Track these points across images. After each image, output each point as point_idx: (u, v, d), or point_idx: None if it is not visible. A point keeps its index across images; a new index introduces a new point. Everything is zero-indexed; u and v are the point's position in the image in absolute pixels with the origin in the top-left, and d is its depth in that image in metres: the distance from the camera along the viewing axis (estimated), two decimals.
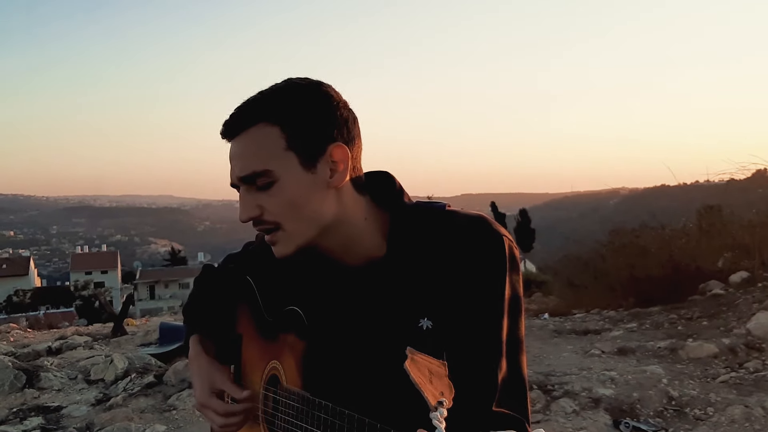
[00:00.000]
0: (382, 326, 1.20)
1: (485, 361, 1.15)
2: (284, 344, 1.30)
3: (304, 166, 1.17)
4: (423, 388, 0.96)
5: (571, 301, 12.35)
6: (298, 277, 1.35)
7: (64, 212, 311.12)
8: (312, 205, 1.18)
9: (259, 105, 1.19)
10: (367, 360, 1.20)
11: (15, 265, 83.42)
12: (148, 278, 77.75)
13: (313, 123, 1.17)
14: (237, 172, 1.19)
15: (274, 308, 1.35)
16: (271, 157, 1.16)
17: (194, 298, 1.61)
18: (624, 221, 13.93)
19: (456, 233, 1.20)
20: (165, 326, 10.63)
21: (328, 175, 1.18)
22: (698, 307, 8.52)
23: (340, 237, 1.23)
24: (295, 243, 1.20)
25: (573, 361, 6.79)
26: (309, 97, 1.19)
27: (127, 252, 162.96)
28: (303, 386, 1.21)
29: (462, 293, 1.16)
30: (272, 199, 1.17)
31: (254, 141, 1.17)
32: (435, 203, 1.28)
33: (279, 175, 1.16)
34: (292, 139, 1.16)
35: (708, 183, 14.64)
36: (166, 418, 5.96)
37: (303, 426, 1.18)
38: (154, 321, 15.76)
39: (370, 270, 1.24)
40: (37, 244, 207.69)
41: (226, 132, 1.21)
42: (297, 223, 1.19)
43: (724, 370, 5.89)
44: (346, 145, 1.19)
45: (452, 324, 1.15)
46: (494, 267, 1.17)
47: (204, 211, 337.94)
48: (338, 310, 1.26)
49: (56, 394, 7.24)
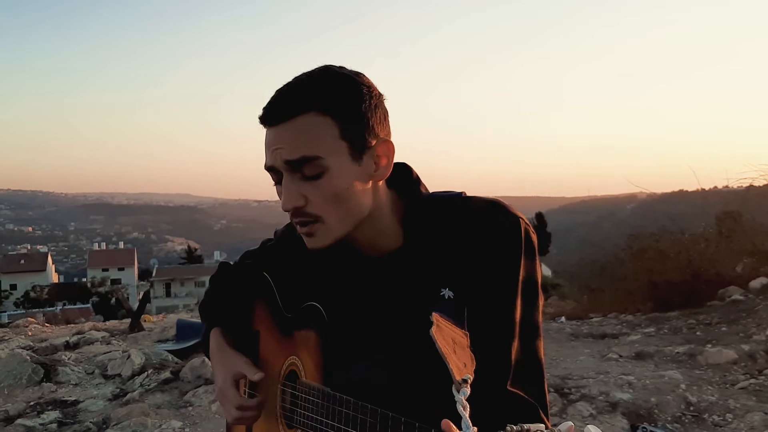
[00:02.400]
0: (404, 308, 1.20)
1: (498, 338, 1.15)
2: (303, 340, 1.30)
3: (353, 158, 1.16)
4: (448, 359, 0.98)
5: (587, 304, 12.29)
6: (315, 272, 1.35)
7: (82, 209, 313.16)
8: (355, 198, 1.17)
9: (308, 92, 1.16)
10: (390, 345, 1.20)
11: (33, 261, 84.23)
12: (164, 276, 78.08)
13: (361, 115, 1.16)
14: (284, 155, 1.15)
15: (292, 304, 1.36)
16: (324, 145, 1.14)
17: (211, 295, 1.61)
18: (641, 225, 13.82)
19: (473, 216, 1.20)
20: (182, 323, 10.66)
21: (372, 169, 1.18)
22: (717, 313, 8.45)
23: (370, 230, 1.23)
24: (333, 236, 1.19)
25: (590, 364, 6.75)
26: (357, 89, 1.17)
27: (143, 249, 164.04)
28: (323, 381, 1.21)
29: (478, 272, 1.16)
30: (318, 190, 1.15)
31: (305, 128, 1.14)
32: (451, 192, 1.28)
33: (329, 164, 1.14)
34: (344, 130, 1.15)
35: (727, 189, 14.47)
36: (182, 414, 5.98)
37: (323, 421, 1.18)
38: (171, 318, 15.81)
39: (390, 260, 1.24)
40: (55, 240, 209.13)
41: (270, 118, 1.17)
42: (339, 215, 1.17)
43: (744, 377, 5.84)
44: (389, 140, 1.20)
45: (470, 299, 1.15)
46: (509, 247, 1.17)
47: (220, 210, 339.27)
48: (358, 301, 1.26)
49: (73, 388, 7.28)
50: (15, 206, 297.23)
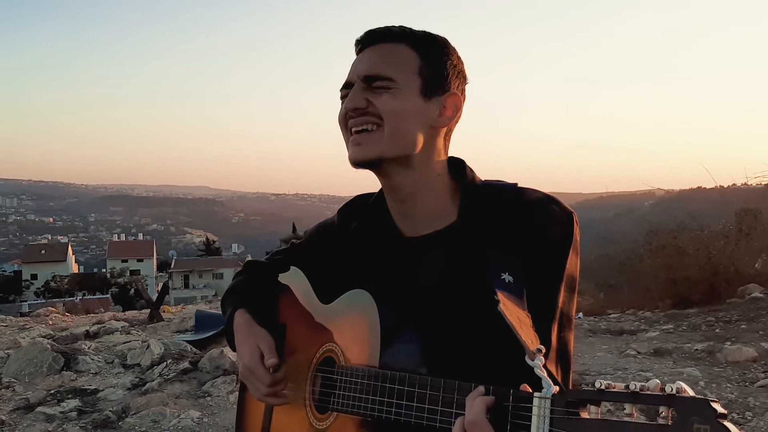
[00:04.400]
0: (459, 289, 1.24)
1: (542, 319, 1.18)
2: (345, 326, 1.33)
3: (422, 94, 1.25)
4: (519, 333, 1.02)
5: (605, 300, 12.24)
6: (353, 259, 1.39)
7: (102, 200, 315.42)
8: (410, 125, 1.25)
9: (406, 30, 1.29)
10: (445, 325, 1.23)
11: (53, 252, 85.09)
12: (182, 267, 78.59)
13: (443, 65, 1.28)
14: (362, 70, 1.27)
15: (330, 294, 1.38)
16: (401, 71, 1.25)
17: (239, 283, 1.62)
18: (660, 222, 13.73)
19: (528, 205, 1.26)
20: (201, 314, 10.75)
21: (436, 113, 1.27)
22: (737, 310, 8.40)
23: (413, 179, 1.29)
24: (380, 149, 1.25)
25: (608, 360, 6.73)
26: (447, 47, 1.31)
27: (162, 241, 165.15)
28: (370, 362, 1.23)
29: (531, 257, 1.21)
30: (381, 99, 1.24)
31: (392, 53, 1.27)
32: (504, 181, 1.34)
33: (399, 86, 1.24)
34: (424, 67, 1.26)
35: (746, 186, 14.35)
36: (201, 404, 6.02)
37: (368, 398, 1.20)
38: (190, 309, 15.93)
39: (440, 237, 1.29)
40: (76, 231, 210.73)
41: (368, 39, 1.30)
42: (391, 130, 1.24)
43: (763, 375, 5.79)
44: (461, 97, 1.30)
45: (524, 283, 1.19)
46: (563, 237, 1.24)
47: (239, 203, 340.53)
48: (403, 282, 1.30)
49: (93, 377, 7.37)
50: (36, 197, 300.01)
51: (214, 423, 5.57)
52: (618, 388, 0.83)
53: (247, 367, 1.40)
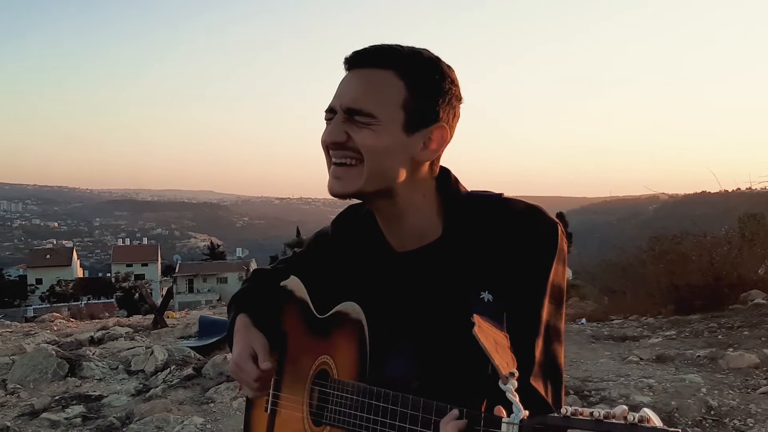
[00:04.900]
0: (444, 303, 1.24)
1: (524, 333, 1.19)
2: (340, 339, 1.33)
3: (405, 129, 1.22)
4: (492, 356, 1.02)
5: (608, 306, 12.22)
6: (347, 272, 1.40)
7: (107, 205, 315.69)
8: (391, 161, 1.23)
9: (397, 55, 1.24)
10: (433, 339, 1.24)
11: (58, 256, 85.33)
12: (187, 272, 78.67)
13: (432, 98, 1.23)
14: (346, 101, 1.23)
15: (325, 305, 1.40)
16: (384, 107, 1.21)
17: (243, 290, 1.65)
18: (663, 227, 13.70)
19: (512, 217, 1.25)
20: (204, 320, 10.77)
21: (419, 147, 1.24)
22: (739, 317, 8.38)
23: (396, 204, 1.28)
24: (358, 185, 1.24)
25: (610, 367, 6.73)
26: (439, 73, 1.24)
27: (167, 245, 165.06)
28: (359, 378, 1.24)
29: (513, 271, 1.20)
30: (361, 134, 1.21)
31: (377, 83, 1.22)
32: (490, 192, 1.33)
33: (380, 123, 1.21)
34: (410, 100, 1.22)
35: (750, 191, 14.29)
36: (204, 411, 6.04)
37: (357, 415, 1.22)
38: (194, 314, 15.95)
39: (427, 252, 1.29)
40: (80, 235, 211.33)
41: (356, 61, 1.26)
42: (370, 167, 1.22)
43: (765, 381, 5.78)
44: (447, 129, 1.25)
45: (506, 299, 1.19)
46: (545, 249, 1.22)
47: (243, 207, 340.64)
48: (392, 297, 1.30)
49: (97, 383, 7.37)
50: (41, 202, 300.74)
51: (218, 429, 5.57)
52: (584, 415, 0.85)
53: (235, 363, 1.43)
